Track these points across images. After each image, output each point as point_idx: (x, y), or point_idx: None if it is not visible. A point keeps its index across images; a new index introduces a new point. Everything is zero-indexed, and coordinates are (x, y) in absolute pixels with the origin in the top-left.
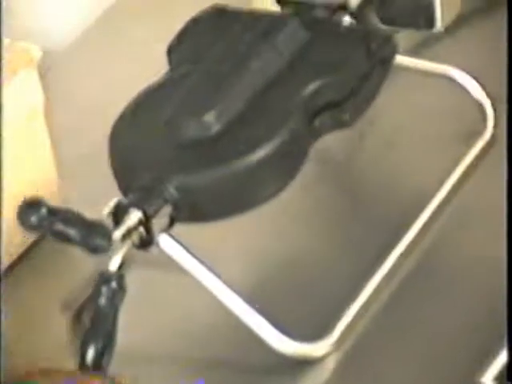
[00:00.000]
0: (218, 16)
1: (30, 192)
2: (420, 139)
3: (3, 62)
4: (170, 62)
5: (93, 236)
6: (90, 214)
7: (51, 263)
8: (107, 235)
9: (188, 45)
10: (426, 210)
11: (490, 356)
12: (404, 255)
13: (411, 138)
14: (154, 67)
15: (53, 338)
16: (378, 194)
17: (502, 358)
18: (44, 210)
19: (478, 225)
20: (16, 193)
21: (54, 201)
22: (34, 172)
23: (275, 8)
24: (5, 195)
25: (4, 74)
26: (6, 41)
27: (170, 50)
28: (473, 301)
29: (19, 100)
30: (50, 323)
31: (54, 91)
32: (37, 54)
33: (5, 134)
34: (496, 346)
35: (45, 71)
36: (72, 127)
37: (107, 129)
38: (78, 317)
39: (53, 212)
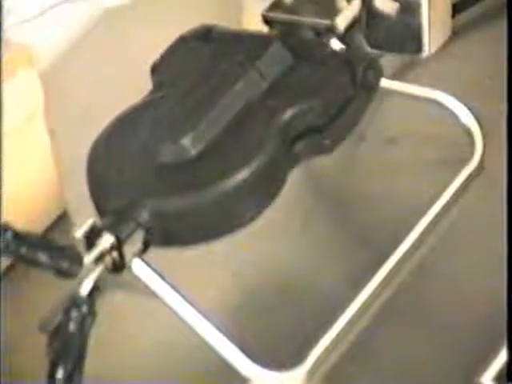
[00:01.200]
0: (204, 36)
1: (29, 192)
2: (406, 164)
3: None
4: (153, 82)
5: (62, 260)
6: (90, 214)
7: None
8: (77, 259)
9: (171, 65)
10: (407, 239)
11: (490, 356)
12: (390, 275)
13: (397, 163)
14: None
15: None
16: (362, 216)
17: (501, 358)
18: (9, 234)
19: (465, 247)
20: (15, 193)
21: (55, 200)
22: (33, 172)
23: (263, 28)
24: (4, 196)
25: (3, 74)
26: (4, 40)
27: (153, 70)
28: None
29: (18, 99)
30: None
31: (54, 90)
32: (36, 52)
33: (4, 133)
34: (496, 346)
35: (45, 70)
36: (72, 127)
37: None
38: (53, 338)
39: (19, 236)
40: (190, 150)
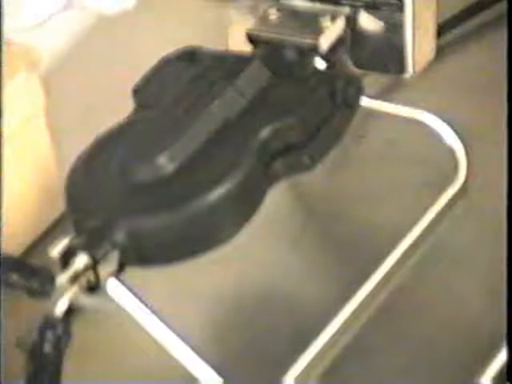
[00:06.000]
0: (187, 57)
1: (30, 193)
2: (389, 186)
3: (4, 63)
4: (134, 103)
5: (33, 279)
6: None
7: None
8: (49, 279)
9: (153, 86)
10: (389, 258)
11: (490, 356)
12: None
13: (380, 185)
14: None
15: None
16: (346, 237)
17: (501, 358)
18: None
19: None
20: (16, 194)
21: (55, 202)
22: (33, 173)
23: (248, 48)
24: (2, 200)
25: (4, 75)
26: (6, 41)
27: (135, 91)
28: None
29: (20, 101)
30: None
31: (55, 91)
32: (38, 54)
33: (5, 135)
34: (495, 346)
35: (46, 72)
36: (73, 128)
37: None
38: (29, 358)
39: None
40: (165, 168)
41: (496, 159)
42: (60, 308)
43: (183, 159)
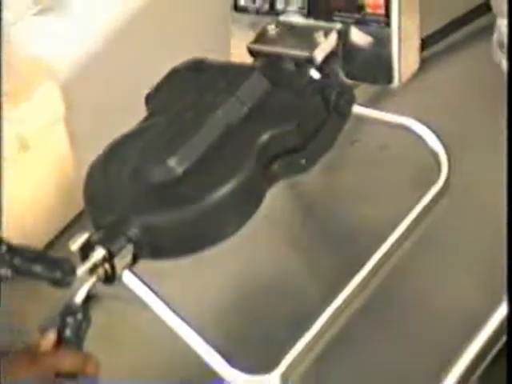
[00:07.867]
0: (195, 68)
1: (51, 193)
2: (382, 185)
3: (23, 72)
4: (147, 110)
5: (56, 271)
6: None
7: None
8: (70, 270)
9: (164, 94)
10: (379, 251)
11: (486, 351)
12: (365, 281)
13: (369, 185)
14: None
15: None
16: (343, 233)
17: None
18: (3, 247)
19: (430, 260)
20: (37, 198)
21: (73, 201)
22: (55, 175)
23: (249, 60)
24: (26, 199)
25: (27, 86)
26: (28, 54)
27: (148, 99)
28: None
29: (41, 110)
30: None
31: (74, 99)
32: (58, 66)
33: (28, 141)
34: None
35: (65, 81)
36: (90, 133)
37: None
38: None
39: (13, 249)
40: (175, 170)
41: (478, 162)
42: (80, 296)
43: (191, 162)
